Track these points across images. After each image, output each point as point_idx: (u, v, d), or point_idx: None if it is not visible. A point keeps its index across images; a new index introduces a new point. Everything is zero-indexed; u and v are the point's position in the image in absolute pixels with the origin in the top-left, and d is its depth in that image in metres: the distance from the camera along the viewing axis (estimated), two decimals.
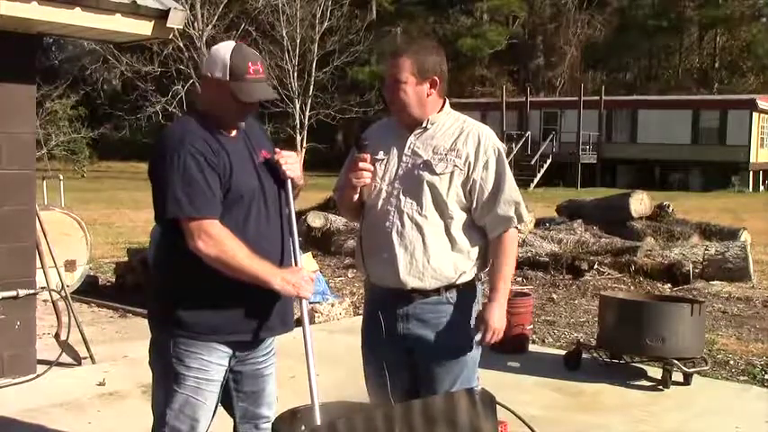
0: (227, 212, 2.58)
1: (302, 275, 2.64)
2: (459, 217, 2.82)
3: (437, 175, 2.79)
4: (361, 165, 2.79)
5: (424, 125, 2.86)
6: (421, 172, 2.80)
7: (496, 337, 2.80)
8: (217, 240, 2.51)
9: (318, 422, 2.46)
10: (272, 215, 2.71)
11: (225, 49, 2.63)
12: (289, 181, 2.76)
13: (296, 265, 2.74)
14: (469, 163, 2.81)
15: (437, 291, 2.83)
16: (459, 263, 2.83)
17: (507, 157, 2.95)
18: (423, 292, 2.82)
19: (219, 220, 2.55)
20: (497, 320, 2.81)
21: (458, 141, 2.83)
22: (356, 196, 2.86)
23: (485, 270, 2.95)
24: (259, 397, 2.82)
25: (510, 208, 2.84)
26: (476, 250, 2.87)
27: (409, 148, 2.85)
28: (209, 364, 2.65)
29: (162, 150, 2.56)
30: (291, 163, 2.76)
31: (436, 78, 2.82)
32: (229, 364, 2.71)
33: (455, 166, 2.79)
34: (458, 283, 2.84)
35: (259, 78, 2.62)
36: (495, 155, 2.84)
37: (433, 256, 2.80)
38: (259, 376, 2.80)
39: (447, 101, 2.92)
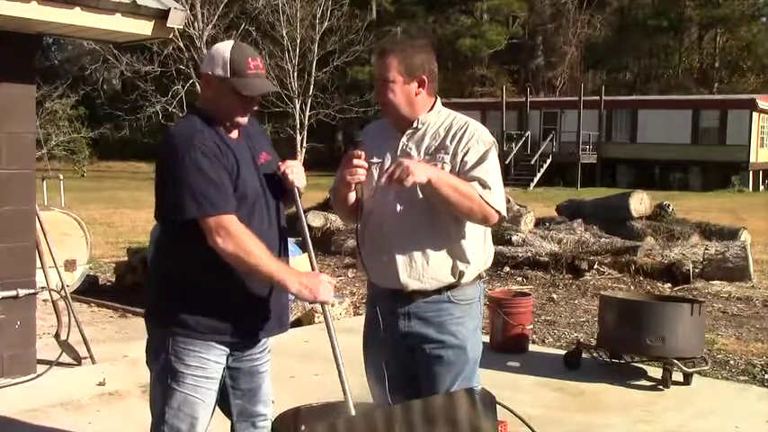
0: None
1: (320, 280, 2.61)
2: (456, 216, 2.80)
3: None
4: (355, 161, 2.75)
5: (414, 125, 2.84)
6: None
7: (401, 171, 2.59)
8: (234, 236, 2.51)
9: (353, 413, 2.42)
10: (273, 217, 2.72)
11: (224, 46, 2.66)
12: (296, 189, 2.76)
13: (312, 269, 2.72)
14: (455, 153, 2.78)
15: (438, 290, 2.82)
16: (458, 263, 2.82)
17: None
18: (423, 293, 2.82)
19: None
20: (413, 163, 2.65)
21: (446, 138, 2.81)
22: (352, 195, 2.82)
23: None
24: (255, 394, 2.82)
25: (481, 186, 2.72)
26: (475, 250, 2.86)
27: (401, 149, 2.84)
28: (208, 363, 2.65)
29: (172, 150, 2.55)
30: (297, 172, 2.76)
31: (424, 77, 2.80)
32: (227, 362, 2.71)
33: (444, 162, 2.77)
34: (460, 282, 2.84)
35: (259, 74, 2.65)
36: (479, 146, 2.78)
37: (431, 258, 2.79)
38: (255, 373, 2.81)
39: (438, 99, 2.90)
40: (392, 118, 2.87)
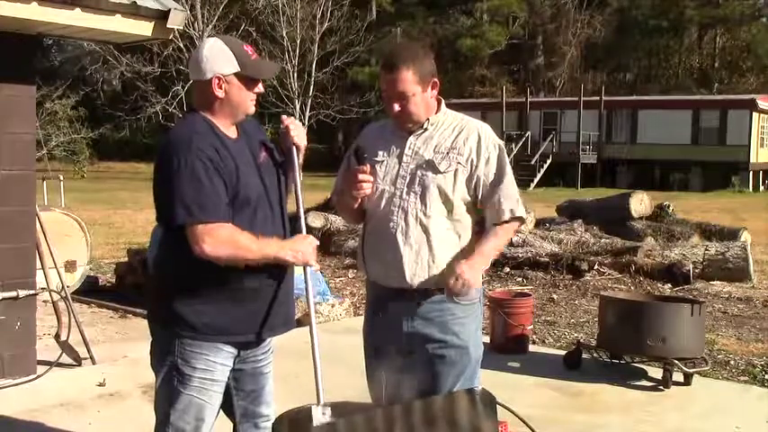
0: (235, 216, 2.57)
1: (309, 242, 2.65)
2: (463, 215, 2.84)
3: (441, 173, 2.81)
4: (360, 176, 2.80)
5: (423, 126, 2.87)
6: (425, 172, 2.82)
7: (462, 286, 2.73)
8: (225, 241, 2.50)
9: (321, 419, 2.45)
10: (276, 216, 2.72)
11: (216, 45, 2.63)
12: (294, 148, 2.78)
13: (301, 232, 2.73)
14: (472, 160, 2.83)
15: (441, 289, 2.83)
16: (463, 260, 2.83)
17: (507, 156, 2.97)
18: (427, 292, 2.83)
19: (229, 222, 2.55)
20: (468, 272, 2.74)
21: (458, 140, 2.85)
22: (356, 204, 2.88)
23: (486, 267, 2.96)
24: (259, 395, 2.83)
25: (508, 202, 2.87)
26: None
27: (410, 148, 2.86)
28: (215, 365, 2.65)
29: (170, 153, 2.54)
30: (299, 130, 2.80)
31: (436, 81, 2.85)
32: (233, 364, 2.71)
33: (458, 163, 2.81)
34: None
35: (257, 57, 2.69)
36: (495, 151, 2.87)
37: (437, 256, 2.81)
38: (258, 375, 2.81)
39: (442, 100, 2.93)
40: (407, 125, 2.88)
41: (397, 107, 2.80)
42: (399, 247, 2.80)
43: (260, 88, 2.69)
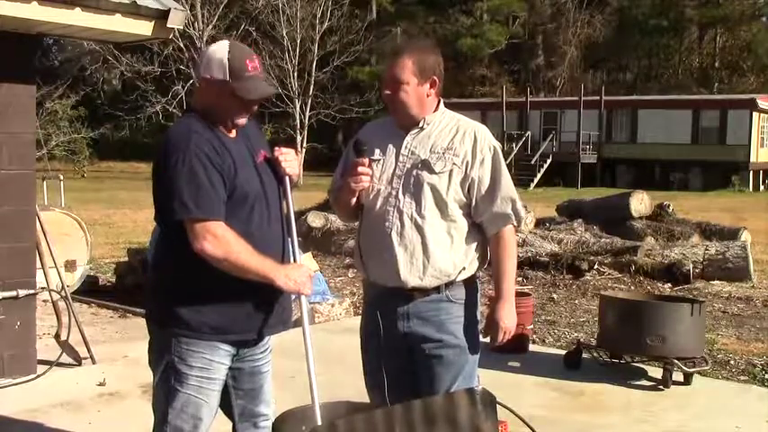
0: (232, 213, 2.57)
1: (303, 272, 2.64)
2: (458, 215, 2.83)
3: (436, 174, 2.80)
4: (360, 169, 2.79)
5: (420, 125, 2.87)
6: (420, 172, 2.81)
7: (508, 335, 2.88)
8: (222, 241, 2.51)
9: (319, 422, 2.46)
10: (273, 215, 2.72)
11: (221, 49, 2.63)
12: (287, 178, 2.77)
13: (295, 261, 2.75)
14: (467, 162, 2.82)
15: (437, 288, 2.84)
16: (458, 260, 2.83)
17: (507, 156, 2.98)
18: (423, 291, 2.83)
19: (224, 221, 2.54)
20: (507, 320, 2.87)
21: (455, 140, 2.84)
22: (353, 199, 2.87)
23: (484, 266, 2.95)
24: (257, 394, 2.83)
25: (507, 205, 2.85)
26: (474, 247, 2.88)
27: (406, 147, 2.86)
28: (212, 363, 2.65)
29: (167, 152, 2.55)
30: (290, 160, 2.77)
31: (436, 79, 2.83)
32: (231, 362, 2.71)
33: (453, 164, 2.80)
34: (457, 280, 2.85)
35: (257, 75, 2.65)
36: (490, 152, 2.86)
37: (432, 255, 2.80)
38: (257, 374, 2.81)
39: (441, 101, 2.93)
40: (400, 118, 2.88)
41: (387, 91, 2.82)
42: (394, 247, 2.80)
43: (252, 104, 2.67)
